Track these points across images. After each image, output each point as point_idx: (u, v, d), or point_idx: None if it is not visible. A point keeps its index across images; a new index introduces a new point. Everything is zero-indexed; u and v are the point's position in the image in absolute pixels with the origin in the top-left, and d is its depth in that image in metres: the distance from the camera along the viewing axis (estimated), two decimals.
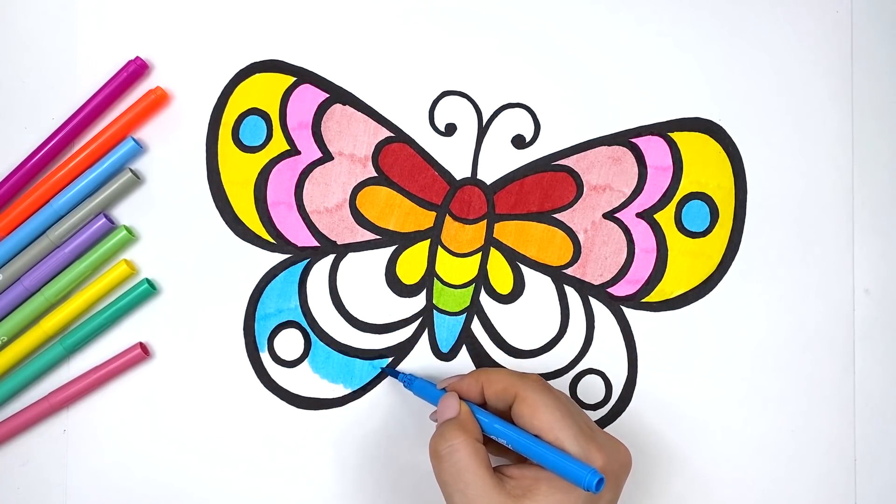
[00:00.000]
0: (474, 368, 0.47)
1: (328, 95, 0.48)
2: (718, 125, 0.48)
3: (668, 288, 0.48)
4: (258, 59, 0.48)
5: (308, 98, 0.48)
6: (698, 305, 0.48)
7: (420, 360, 0.48)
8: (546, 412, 0.40)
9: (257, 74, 0.48)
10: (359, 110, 0.48)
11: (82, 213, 0.46)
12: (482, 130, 0.48)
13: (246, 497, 0.48)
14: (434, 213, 0.48)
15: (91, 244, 0.47)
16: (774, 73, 0.48)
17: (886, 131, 0.49)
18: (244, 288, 0.48)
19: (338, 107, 0.48)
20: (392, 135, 0.48)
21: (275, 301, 0.48)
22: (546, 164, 0.48)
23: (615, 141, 0.48)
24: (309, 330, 0.48)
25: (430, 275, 0.48)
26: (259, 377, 0.48)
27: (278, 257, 0.48)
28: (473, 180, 0.48)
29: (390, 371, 0.47)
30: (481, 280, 0.48)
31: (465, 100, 0.48)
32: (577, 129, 0.48)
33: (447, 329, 0.48)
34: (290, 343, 0.48)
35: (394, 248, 0.48)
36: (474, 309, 0.48)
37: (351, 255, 0.48)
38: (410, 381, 0.46)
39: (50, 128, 0.47)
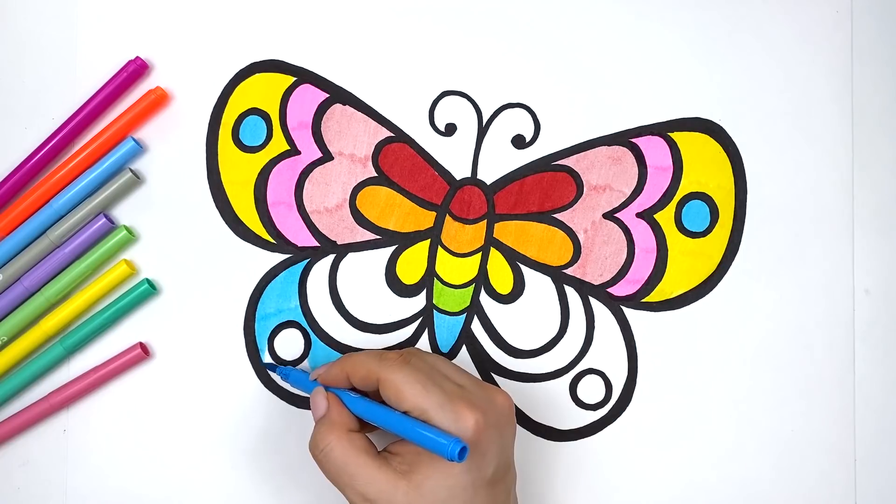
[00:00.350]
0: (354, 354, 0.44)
1: (328, 95, 0.48)
2: (718, 125, 0.48)
3: (668, 288, 0.48)
4: (258, 59, 0.48)
5: (308, 98, 0.48)
6: (698, 305, 0.48)
7: None
8: (406, 389, 0.39)
9: (257, 74, 0.48)
10: (359, 110, 0.48)
11: (82, 213, 0.46)
12: (482, 130, 0.48)
13: (246, 497, 0.48)
14: (434, 213, 0.48)
15: (91, 244, 0.47)
16: (775, 72, 0.48)
17: (886, 131, 0.49)
18: (244, 288, 0.48)
19: (338, 107, 0.48)
20: (392, 135, 0.48)
21: (275, 301, 0.48)
22: (546, 164, 0.48)
23: (615, 141, 0.48)
24: (309, 330, 0.48)
25: (430, 275, 0.48)
26: (259, 377, 0.48)
27: (278, 257, 0.48)
28: (473, 180, 0.48)
29: (268, 366, 0.47)
30: (481, 280, 0.48)
31: (465, 100, 0.48)
32: (577, 129, 0.48)
33: (447, 329, 0.48)
34: (290, 343, 0.48)
35: (394, 248, 0.48)
36: (474, 309, 0.48)
37: (351, 255, 0.48)
38: (286, 375, 0.46)
39: (50, 128, 0.47)
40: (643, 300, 0.48)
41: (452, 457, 0.36)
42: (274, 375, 0.47)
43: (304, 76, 0.48)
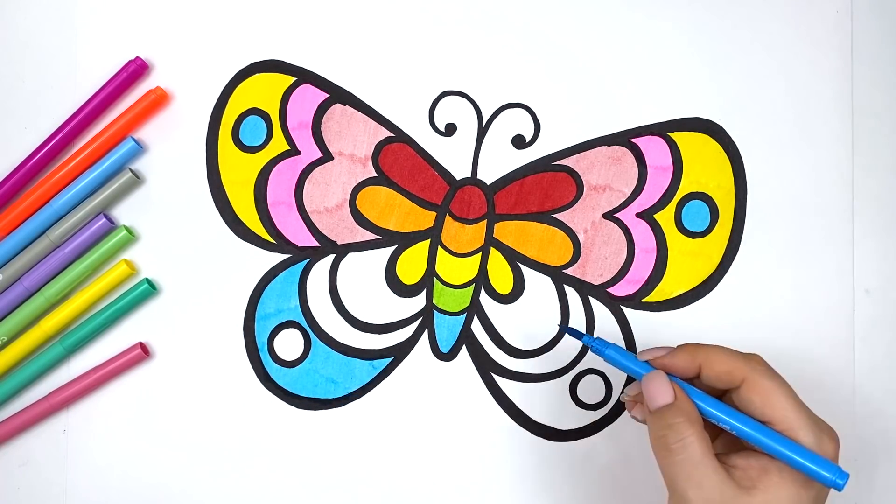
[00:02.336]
0: (683, 344, 0.41)
1: (328, 95, 0.48)
2: (718, 125, 0.48)
3: (668, 288, 0.48)
4: (258, 59, 0.48)
5: (308, 98, 0.48)
6: (698, 305, 0.48)
7: (420, 360, 0.48)
8: (780, 401, 0.37)
9: (257, 74, 0.48)
10: (359, 110, 0.48)
11: (82, 213, 0.46)
12: (482, 130, 0.48)
13: (246, 497, 0.48)
14: (434, 213, 0.48)
15: (91, 244, 0.47)
16: (775, 73, 0.48)
17: (886, 131, 0.49)
18: (244, 288, 0.48)
19: (338, 107, 0.48)
20: (392, 135, 0.48)
21: (275, 301, 0.48)
22: (546, 164, 0.48)
23: (615, 141, 0.48)
24: (309, 330, 0.48)
25: (430, 275, 0.48)
26: (259, 377, 0.48)
27: (278, 257, 0.48)
28: (473, 180, 0.48)
29: (572, 331, 0.43)
30: (481, 280, 0.48)
31: (465, 100, 0.48)
32: (577, 129, 0.48)
33: (447, 329, 0.48)
34: (290, 343, 0.48)
35: (394, 248, 0.48)
36: (474, 309, 0.48)
37: (351, 255, 0.48)
38: (603, 347, 0.41)
39: (50, 128, 0.47)
40: (643, 300, 0.48)
41: (837, 486, 0.36)
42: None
43: (304, 76, 0.48)
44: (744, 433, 0.38)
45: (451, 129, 0.48)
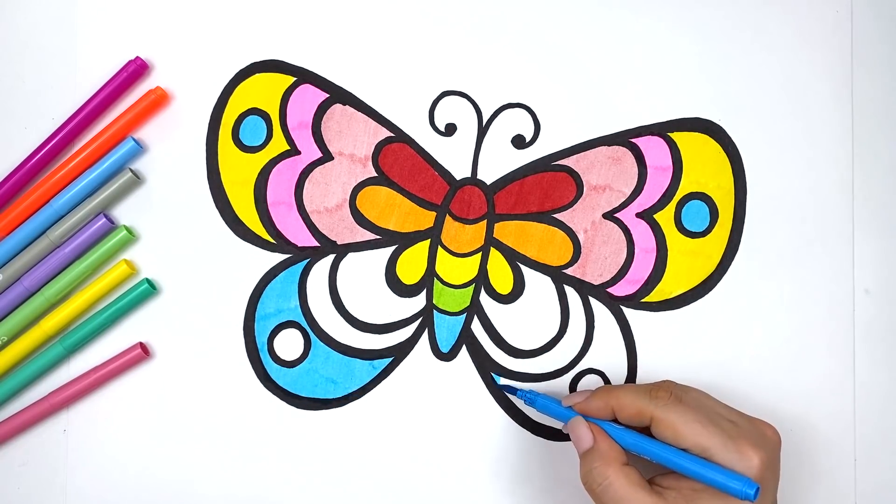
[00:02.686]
0: (597, 387, 0.45)
1: (328, 95, 0.48)
2: (718, 125, 0.48)
3: (668, 288, 0.48)
4: (258, 59, 0.48)
5: (308, 98, 0.48)
6: (698, 305, 0.48)
7: (420, 360, 0.48)
8: (686, 428, 0.39)
9: (257, 74, 0.48)
10: (359, 110, 0.48)
11: (82, 213, 0.46)
12: (482, 130, 0.48)
13: (246, 497, 0.48)
14: (434, 213, 0.48)
15: (91, 244, 0.47)
16: (774, 73, 0.48)
17: (886, 131, 0.49)
18: (244, 288, 0.48)
19: (338, 107, 0.48)
20: (392, 135, 0.48)
21: (275, 301, 0.48)
22: (546, 164, 0.48)
23: (615, 141, 0.48)
24: (309, 330, 0.48)
25: (430, 275, 0.48)
26: (259, 377, 0.48)
27: (278, 257, 0.48)
28: (473, 180, 0.48)
29: (507, 388, 0.47)
30: (481, 280, 0.48)
31: (465, 100, 0.48)
32: (577, 129, 0.48)
33: (447, 329, 0.48)
34: (290, 343, 0.48)
35: (394, 248, 0.48)
36: (474, 309, 0.48)
37: (351, 255, 0.48)
38: (533, 399, 0.45)
39: (50, 128, 0.47)
40: (643, 300, 0.48)
41: (747, 497, 0.37)
42: (514, 399, 0.47)
43: (304, 76, 0.48)
44: (661, 459, 0.40)
45: (451, 129, 0.48)
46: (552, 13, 0.48)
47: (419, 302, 0.48)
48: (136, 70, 0.46)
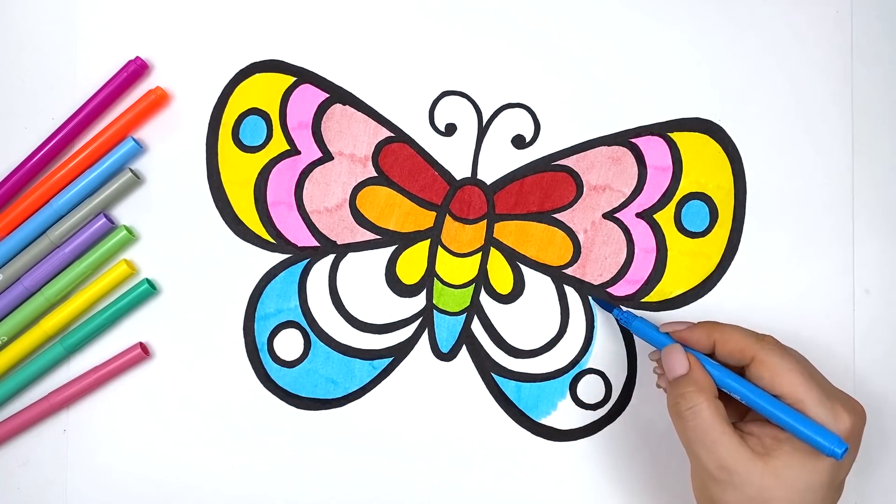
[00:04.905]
0: (699, 321, 0.44)
1: (328, 95, 0.48)
2: (718, 125, 0.48)
3: (668, 288, 0.48)
4: (258, 59, 0.48)
5: (308, 98, 0.48)
6: (697, 305, 0.48)
7: (420, 360, 0.48)
8: (788, 375, 0.39)
9: (257, 74, 0.48)
10: (359, 110, 0.48)
11: (82, 213, 0.46)
12: (482, 130, 0.48)
13: (246, 497, 0.48)
14: (434, 213, 0.48)
15: (91, 244, 0.47)
16: (774, 73, 0.48)
17: (886, 131, 0.49)
18: (244, 288, 0.48)
19: (338, 107, 0.48)
20: (392, 135, 0.48)
21: (275, 301, 0.48)
22: (546, 164, 0.48)
23: (615, 141, 0.48)
24: (309, 330, 0.48)
25: (430, 275, 0.48)
26: (259, 377, 0.48)
27: (278, 257, 0.48)
28: (473, 180, 0.48)
29: (602, 303, 0.47)
30: (481, 280, 0.48)
31: (465, 100, 0.48)
32: (577, 129, 0.48)
33: (447, 329, 0.48)
34: (290, 343, 0.48)
35: (394, 248, 0.48)
36: (474, 309, 0.48)
37: (351, 255, 0.48)
38: (629, 320, 0.45)
39: (50, 128, 0.47)
40: (643, 300, 0.48)
41: (834, 454, 0.37)
42: (599, 312, 0.47)
43: (304, 76, 0.48)
44: (752, 402, 0.40)
45: (451, 129, 0.48)
46: (552, 13, 0.48)
47: (419, 302, 0.48)
48: (136, 70, 0.46)
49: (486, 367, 0.48)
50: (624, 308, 0.47)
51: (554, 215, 0.48)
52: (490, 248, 0.48)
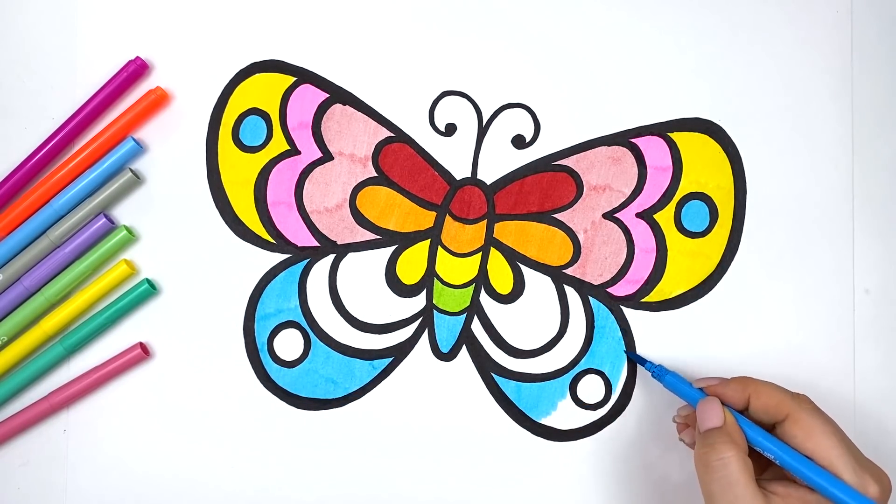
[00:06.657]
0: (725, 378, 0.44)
1: (328, 95, 0.48)
2: (718, 125, 0.48)
3: (668, 288, 0.48)
4: (258, 59, 0.48)
5: (308, 98, 0.48)
6: (697, 305, 0.48)
7: (420, 360, 0.48)
8: (822, 437, 0.40)
9: (257, 74, 0.48)
10: (359, 110, 0.48)
11: (82, 213, 0.46)
12: (482, 130, 0.48)
13: (246, 497, 0.48)
14: (434, 213, 0.48)
15: (91, 244, 0.47)
16: (774, 73, 0.48)
17: (886, 131, 0.49)
18: (244, 288, 0.48)
19: (338, 107, 0.48)
20: (392, 135, 0.48)
21: (275, 301, 0.48)
22: (546, 164, 0.48)
23: (615, 141, 0.48)
24: (309, 330, 0.48)
25: (430, 275, 0.48)
26: (259, 377, 0.48)
27: (278, 257, 0.48)
28: (473, 180, 0.48)
29: (636, 357, 0.47)
30: (481, 280, 0.48)
31: (465, 100, 0.48)
32: (577, 129, 0.48)
33: (447, 329, 0.48)
34: (290, 343, 0.48)
35: (394, 248, 0.48)
36: (474, 309, 0.48)
37: (351, 255, 0.48)
38: (661, 374, 0.45)
39: (50, 128, 0.47)
40: (643, 300, 0.48)
41: None
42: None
43: (304, 76, 0.48)
44: (785, 462, 0.40)
45: (451, 129, 0.48)
46: (552, 13, 0.48)
47: (419, 302, 0.48)
48: (136, 70, 0.47)
49: (486, 367, 0.48)
50: (657, 363, 0.47)
51: (554, 215, 0.48)
52: (490, 248, 0.48)
